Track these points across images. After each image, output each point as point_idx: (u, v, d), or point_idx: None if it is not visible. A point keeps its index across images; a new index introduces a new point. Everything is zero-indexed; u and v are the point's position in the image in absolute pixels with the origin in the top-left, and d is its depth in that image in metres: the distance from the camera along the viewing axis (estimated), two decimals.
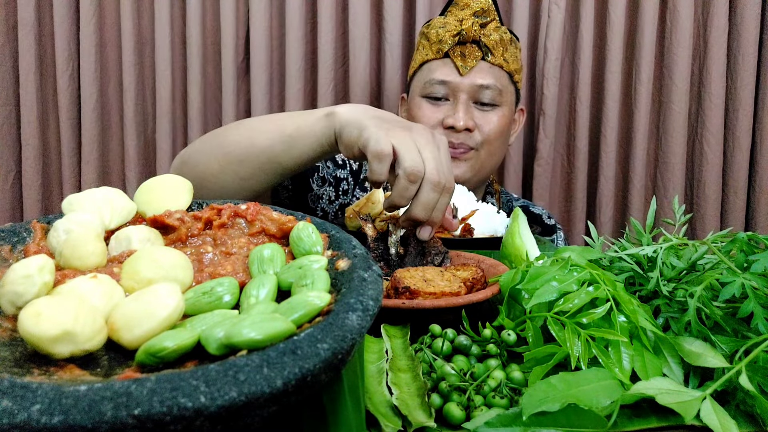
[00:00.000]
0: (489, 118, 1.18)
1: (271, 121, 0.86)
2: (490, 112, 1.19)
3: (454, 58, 1.16)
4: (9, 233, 0.42)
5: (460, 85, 1.16)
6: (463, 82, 1.16)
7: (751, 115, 1.55)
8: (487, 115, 1.18)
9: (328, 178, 1.17)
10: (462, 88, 1.16)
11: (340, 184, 1.18)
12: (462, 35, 1.16)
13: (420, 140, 0.71)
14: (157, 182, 0.47)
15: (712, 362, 0.43)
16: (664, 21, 1.53)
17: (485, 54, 1.17)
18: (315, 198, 1.16)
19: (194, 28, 1.51)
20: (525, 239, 0.68)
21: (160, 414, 0.25)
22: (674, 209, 0.59)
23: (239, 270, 0.40)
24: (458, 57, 1.16)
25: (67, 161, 1.58)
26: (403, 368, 0.46)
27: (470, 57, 1.16)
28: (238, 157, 0.84)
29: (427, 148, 0.71)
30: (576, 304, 0.47)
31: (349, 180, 1.20)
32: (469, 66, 1.16)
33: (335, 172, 1.18)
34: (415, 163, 0.68)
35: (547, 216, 1.30)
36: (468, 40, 1.16)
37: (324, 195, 1.16)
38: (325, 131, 0.79)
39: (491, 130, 1.18)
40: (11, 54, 1.55)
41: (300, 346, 0.29)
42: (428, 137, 0.72)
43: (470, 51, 1.17)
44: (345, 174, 1.19)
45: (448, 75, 1.17)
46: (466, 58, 1.16)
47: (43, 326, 0.29)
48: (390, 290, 0.57)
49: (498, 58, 1.18)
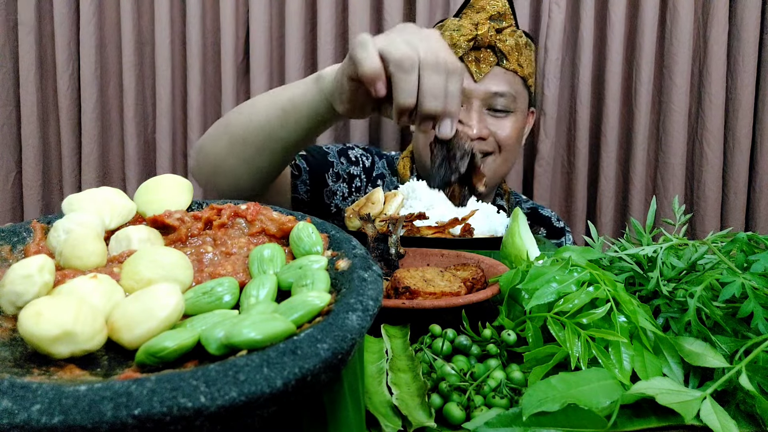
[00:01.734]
0: (503, 125, 1.16)
1: (269, 96, 0.84)
2: (504, 119, 1.16)
3: (468, 64, 1.13)
4: (9, 233, 0.42)
5: (474, 92, 1.14)
6: (478, 89, 1.14)
7: (751, 115, 1.55)
8: (500, 122, 1.16)
9: (342, 174, 1.17)
10: (476, 94, 1.14)
11: (353, 181, 1.18)
12: (477, 40, 1.13)
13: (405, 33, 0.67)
14: (157, 182, 0.47)
15: (712, 362, 0.43)
16: (664, 21, 1.53)
17: (500, 60, 1.14)
18: (330, 193, 1.15)
19: (194, 28, 1.51)
20: (525, 239, 0.68)
21: (160, 414, 0.25)
22: (674, 209, 0.59)
23: (239, 270, 0.40)
24: (472, 62, 1.13)
25: (67, 161, 1.58)
26: (403, 368, 0.46)
27: (485, 62, 1.14)
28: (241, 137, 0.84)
29: (415, 36, 0.66)
30: (576, 304, 0.47)
31: (362, 177, 1.19)
32: (484, 72, 1.13)
33: (349, 169, 1.17)
34: (403, 50, 0.64)
35: (556, 219, 1.30)
36: (483, 45, 1.13)
37: (338, 191, 1.16)
38: (316, 96, 0.77)
39: (505, 137, 1.16)
40: (11, 55, 1.55)
41: (300, 346, 0.29)
42: (414, 28, 0.69)
43: (485, 56, 1.14)
44: (358, 171, 1.19)
45: None
46: (481, 63, 1.13)
47: (43, 326, 0.29)
48: (390, 290, 0.57)
49: (513, 63, 1.15)
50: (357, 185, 1.18)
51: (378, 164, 1.23)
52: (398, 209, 0.97)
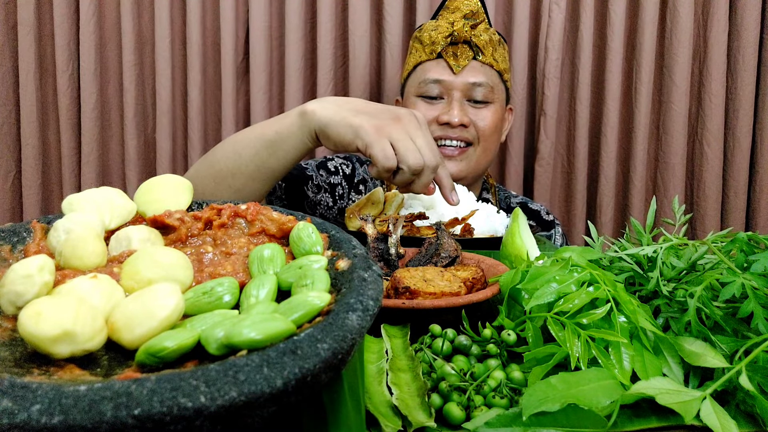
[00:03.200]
0: (483, 115, 1.23)
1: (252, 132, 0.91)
2: (483, 109, 1.23)
3: (447, 58, 1.21)
4: (9, 233, 0.42)
5: (454, 84, 1.21)
6: (457, 81, 1.21)
7: (751, 115, 1.55)
8: (480, 112, 1.23)
9: (323, 185, 1.21)
10: (455, 86, 1.21)
11: (335, 190, 1.23)
12: (454, 36, 1.21)
13: (411, 130, 0.82)
14: (157, 182, 0.47)
15: (712, 362, 0.43)
16: (664, 21, 1.53)
17: (476, 53, 1.22)
18: (312, 204, 1.20)
19: (194, 28, 1.51)
20: (525, 239, 0.68)
21: (160, 414, 0.25)
22: (674, 209, 0.59)
23: (239, 270, 0.40)
24: (451, 57, 1.21)
25: (67, 161, 1.58)
26: (403, 368, 0.46)
27: (462, 56, 1.21)
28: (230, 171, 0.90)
29: (418, 136, 0.82)
30: (576, 304, 0.47)
31: (343, 185, 1.25)
32: (462, 65, 1.21)
33: (329, 179, 1.23)
34: (417, 159, 0.80)
35: (545, 212, 1.32)
36: (459, 40, 1.21)
37: (321, 201, 1.21)
38: (303, 130, 0.86)
39: (486, 126, 1.23)
40: (11, 54, 1.55)
41: (300, 346, 0.29)
42: (416, 124, 0.83)
43: (462, 51, 1.21)
44: (338, 179, 1.24)
45: (442, 74, 1.21)
46: (459, 57, 1.21)
47: (43, 326, 0.29)
48: (390, 290, 0.57)
49: (488, 57, 1.23)
50: (339, 193, 1.23)
51: (359, 170, 1.28)
52: (398, 209, 0.97)
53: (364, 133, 0.81)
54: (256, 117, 1.53)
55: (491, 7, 1.51)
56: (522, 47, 1.53)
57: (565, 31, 1.53)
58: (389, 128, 0.81)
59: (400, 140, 0.80)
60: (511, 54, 1.53)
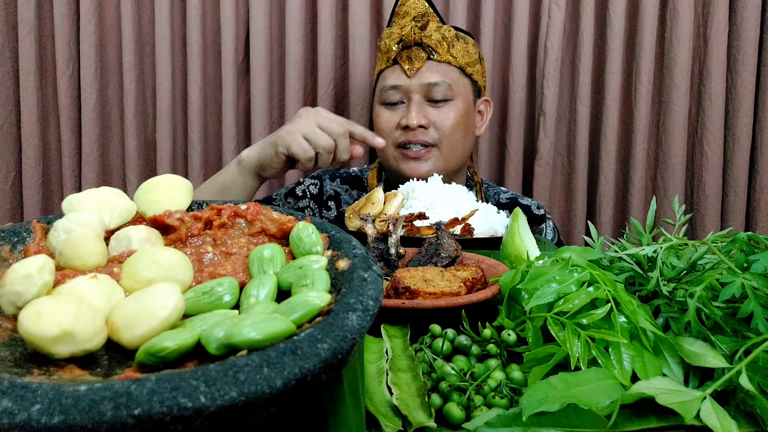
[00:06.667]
0: (444, 113, 1.23)
1: (211, 184, 1.13)
2: (444, 107, 1.23)
3: (402, 63, 1.23)
4: (9, 233, 0.42)
5: (410, 86, 1.22)
6: (412, 83, 1.22)
7: (751, 115, 1.54)
8: (441, 111, 1.23)
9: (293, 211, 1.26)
10: (412, 88, 1.22)
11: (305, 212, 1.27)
12: (404, 40, 1.23)
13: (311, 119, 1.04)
14: (157, 182, 0.47)
15: (712, 362, 0.43)
16: (664, 21, 1.53)
17: (430, 54, 1.23)
18: None
19: (194, 28, 1.51)
20: (525, 239, 0.68)
21: (160, 414, 0.25)
22: (674, 209, 0.59)
23: (239, 270, 0.40)
24: (405, 61, 1.23)
25: (67, 161, 1.58)
26: (403, 368, 0.46)
27: (416, 59, 1.22)
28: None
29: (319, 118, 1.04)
30: (576, 304, 0.47)
31: (311, 206, 1.31)
32: (416, 67, 1.22)
33: (296, 204, 1.30)
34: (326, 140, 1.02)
35: (536, 207, 1.33)
36: (411, 44, 1.23)
37: None
38: (243, 174, 1.10)
39: (448, 125, 1.23)
40: (11, 54, 1.55)
41: (300, 346, 0.29)
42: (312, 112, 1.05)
43: (415, 53, 1.23)
44: (306, 202, 1.31)
45: (398, 79, 1.23)
46: (413, 60, 1.23)
47: (43, 326, 0.29)
48: (390, 290, 0.57)
49: (444, 55, 1.23)
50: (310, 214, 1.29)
51: (327, 187, 1.34)
52: (398, 209, 0.97)
53: (279, 141, 1.03)
54: (256, 117, 1.53)
55: (490, 8, 1.51)
56: (522, 47, 1.53)
57: (565, 31, 1.53)
58: (295, 126, 1.03)
59: (308, 132, 1.01)
60: (511, 54, 1.53)
